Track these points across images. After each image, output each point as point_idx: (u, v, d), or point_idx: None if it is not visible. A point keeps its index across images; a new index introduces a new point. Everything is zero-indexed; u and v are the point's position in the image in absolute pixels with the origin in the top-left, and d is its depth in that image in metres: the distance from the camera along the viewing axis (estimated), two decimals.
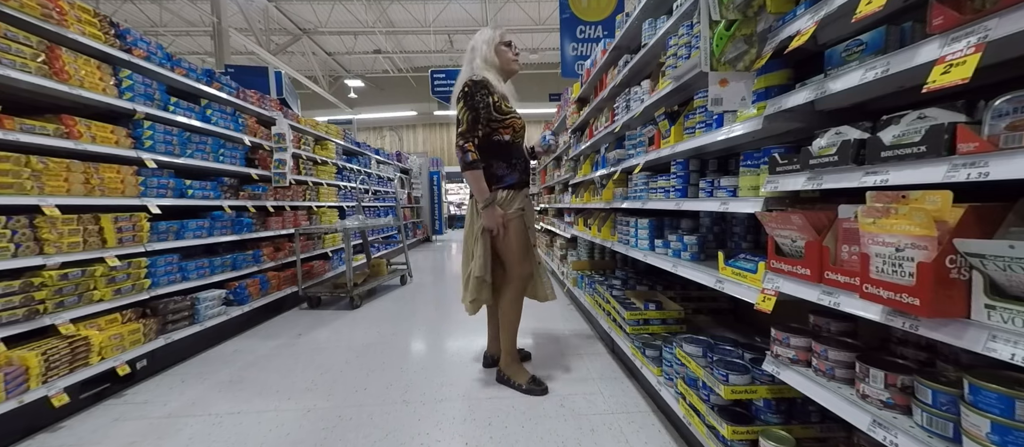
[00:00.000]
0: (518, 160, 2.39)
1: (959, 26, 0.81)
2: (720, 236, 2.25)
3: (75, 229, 2.42)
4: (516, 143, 2.39)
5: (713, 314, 2.65)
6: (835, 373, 1.18)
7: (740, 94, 1.43)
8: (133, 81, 2.86)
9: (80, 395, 2.36)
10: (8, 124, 2.14)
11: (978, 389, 0.83)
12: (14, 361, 2.08)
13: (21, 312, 2.13)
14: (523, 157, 2.46)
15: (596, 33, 5.93)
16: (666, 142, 2.24)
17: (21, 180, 2.16)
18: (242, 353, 3.28)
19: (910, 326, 0.88)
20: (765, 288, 1.31)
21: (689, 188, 2.07)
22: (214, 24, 8.21)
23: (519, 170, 2.40)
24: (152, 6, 11.01)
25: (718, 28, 1.37)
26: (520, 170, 2.41)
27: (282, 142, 4.43)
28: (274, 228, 4.48)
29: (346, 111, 14.69)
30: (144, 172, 2.94)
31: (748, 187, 1.55)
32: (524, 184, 2.46)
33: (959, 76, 0.76)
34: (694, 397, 1.69)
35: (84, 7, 2.62)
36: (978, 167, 0.77)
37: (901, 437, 0.93)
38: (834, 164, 1.09)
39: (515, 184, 2.38)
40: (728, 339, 1.85)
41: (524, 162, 2.47)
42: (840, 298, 1.06)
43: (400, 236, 7.15)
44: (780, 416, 1.45)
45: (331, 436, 2.04)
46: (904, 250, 0.87)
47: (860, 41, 1.08)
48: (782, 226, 1.25)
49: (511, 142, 2.35)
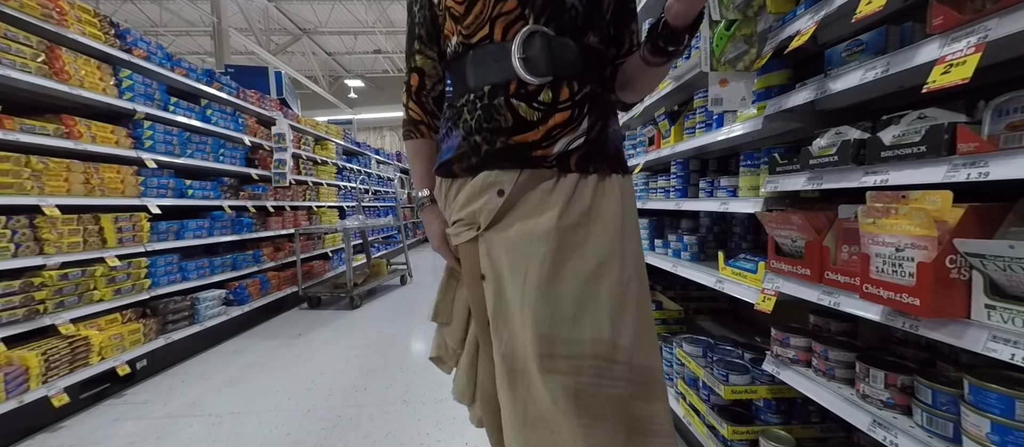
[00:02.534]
0: (475, 93, 1.00)
1: (959, 26, 0.81)
2: (720, 236, 2.25)
3: (75, 229, 2.42)
4: (477, 53, 1.00)
5: (713, 314, 2.65)
6: (835, 373, 1.18)
7: (740, 94, 1.43)
8: (133, 81, 2.87)
9: (80, 395, 2.36)
10: (8, 124, 2.15)
11: (978, 389, 0.83)
12: (14, 361, 2.08)
13: (21, 312, 2.13)
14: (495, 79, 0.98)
15: None
16: (666, 142, 2.24)
17: (21, 180, 2.16)
18: (242, 353, 3.28)
19: (910, 326, 0.88)
20: (765, 288, 1.31)
21: (689, 188, 2.07)
22: (214, 24, 8.21)
23: (475, 118, 1.00)
24: (152, 6, 11.01)
25: (718, 28, 1.37)
26: (480, 119, 0.99)
27: (282, 142, 4.43)
28: (274, 228, 4.48)
29: (346, 111, 14.69)
30: (144, 172, 2.94)
31: (748, 187, 1.55)
32: (494, 157, 1.00)
33: (959, 76, 0.76)
34: (694, 397, 1.69)
35: (84, 7, 2.62)
36: (978, 167, 0.77)
37: (901, 437, 0.93)
38: (834, 164, 1.09)
39: (457, 157, 1.04)
40: (728, 339, 1.85)
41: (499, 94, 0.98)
42: (840, 298, 1.06)
43: (400, 236, 7.17)
44: (780, 416, 1.45)
45: (331, 436, 2.04)
46: (904, 250, 0.87)
47: (860, 41, 1.08)
48: (782, 226, 1.25)
49: (464, 53, 1.02)
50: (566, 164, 0.98)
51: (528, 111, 0.95)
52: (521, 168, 0.98)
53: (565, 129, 0.97)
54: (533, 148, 0.97)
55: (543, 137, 0.96)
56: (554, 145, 0.97)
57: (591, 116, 0.99)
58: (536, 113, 0.95)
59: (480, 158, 1.00)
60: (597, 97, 1.01)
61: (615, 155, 1.05)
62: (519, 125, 0.96)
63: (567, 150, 0.98)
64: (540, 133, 0.96)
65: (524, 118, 0.96)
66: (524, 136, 0.96)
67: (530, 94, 0.95)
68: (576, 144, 0.98)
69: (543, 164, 0.98)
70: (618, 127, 1.08)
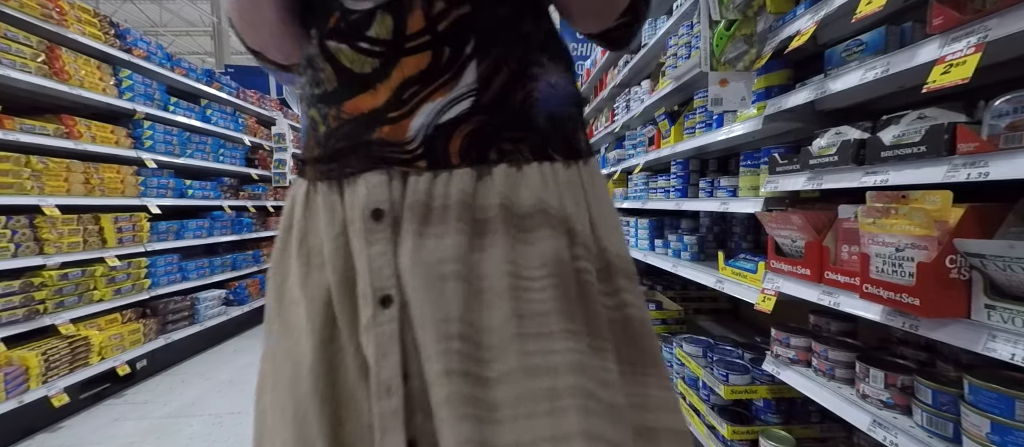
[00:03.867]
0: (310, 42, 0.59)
1: (959, 26, 0.81)
2: (720, 236, 2.25)
3: (75, 229, 2.42)
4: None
5: (713, 314, 2.65)
6: (835, 373, 1.18)
7: (740, 94, 1.43)
8: (133, 81, 2.87)
9: (80, 395, 2.36)
10: (8, 124, 2.15)
11: (978, 389, 0.83)
12: (14, 361, 2.08)
13: (21, 312, 2.13)
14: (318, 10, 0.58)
15: None
16: (666, 142, 2.24)
17: (21, 180, 2.16)
18: (242, 353, 3.28)
19: (910, 326, 0.88)
20: (765, 288, 1.31)
21: (689, 188, 2.07)
22: (214, 24, 8.22)
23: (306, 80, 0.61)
24: (152, 6, 11.01)
25: (718, 28, 1.37)
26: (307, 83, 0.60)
27: (282, 142, 4.43)
28: (274, 228, 4.47)
29: None
30: (144, 172, 2.94)
31: (748, 187, 1.55)
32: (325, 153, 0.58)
33: (959, 76, 0.76)
34: (694, 397, 1.69)
35: (84, 7, 2.62)
36: (978, 167, 0.77)
37: (901, 437, 0.93)
38: (834, 164, 1.09)
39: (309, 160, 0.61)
40: (728, 339, 1.85)
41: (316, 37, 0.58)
42: (840, 298, 1.06)
43: None
44: (780, 416, 1.45)
45: None
46: (904, 250, 0.87)
47: (860, 41, 1.08)
48: (782, 226, 1.25)
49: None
50: (439, 152, 0.54)
51: (355, 57, 0.54)
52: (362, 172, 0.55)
53: (427, 85, 0.53)
54: (375, 123, 0.54)
55: (390, 100, 0.54)
56: (412, 115, 0.53)
57: (484, 60, 0.54)
58: (369, 60, 0.54)
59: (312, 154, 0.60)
60: (492, 24, 0.55)
61: (552, 128, 0.58)
62: (346, 83, 0.55)
63: (438, 124, 0.53)
64: (382, 95, 0.54)
65: (351, 70, 0.55)
66: (357, 101, 0.55)
67: (354, 28, 0.54)
68: (454, 112, 0.54)
69: (396, 159, 0.54)
70: (562, 80, 0.60)
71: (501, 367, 0.50)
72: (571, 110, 0.61)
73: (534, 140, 0.56)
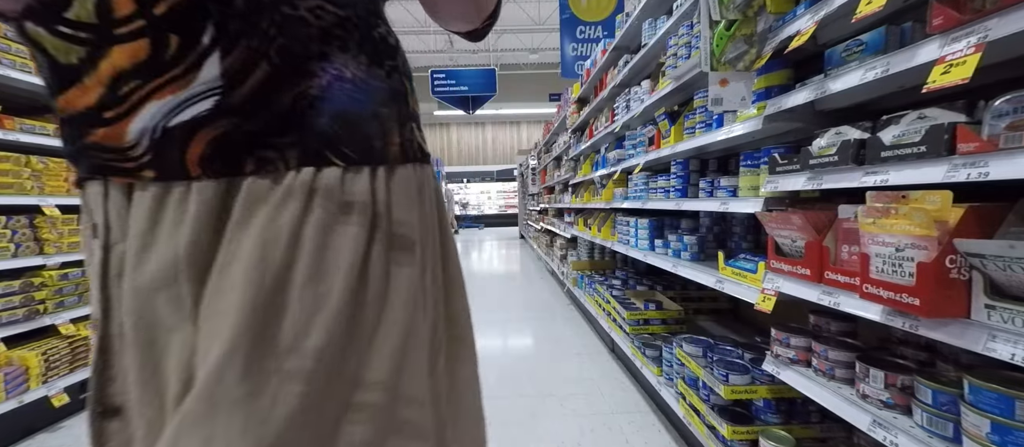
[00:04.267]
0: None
1: (959, 26, 0.81)
2: (720, 236, 2.25)
3: (75, 229, 2.42)
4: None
5: (713, 314, 2.65)
6: (835, 373, 1.19)
7: (740, 94, 1.43)
8: None
9: (80, 395, 2.36)
10: (8, 124, 2.15)
11: (978, 389, 0.83)
12: (14, 361, 2.08)
13: (21, 312, 2.13)
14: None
15: (596, 33, 5.93)
16: (666, 142, 2.24)
17: (21, 180, 2.16)
18: None
19: (910, 326, 0.88)
20: (765, 288, 1.32)
21: (689, 188, 2.07)
22: None
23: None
24: None
25: (718, 28, 1.37)
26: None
27: None
28: None
29: None
30: None
31: (748, 187, 1.55)
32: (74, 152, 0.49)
33: (959, 76, 0.76)
34: (694, 397, 1.69)
35: None
36: (978, 167, 0.77)
37: (901, 437, 0.93)
38: (834, 164, 1.09)
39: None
40: (728, 339, 1.85)
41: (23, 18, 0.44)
42: (840, 298, 1.06)
43: None
44: (780, 416, 1.45)
45: None
46: (904, 250, 0.87)
47: (860, 41, 1.08)
48: (782, 226, 1.25)
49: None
50: (172, 160, 0.45)
51: (58, 45, 0.43)
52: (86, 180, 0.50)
53: (149, 80, 0.43)
54: (89, 123, 0.45)
55: (104, 98, 0.44)
56: (131, 116, 0.44)
57: (232, 52, 0.44)
58: (74, 49, 0.43)
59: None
60: (239, 7, 0.44)
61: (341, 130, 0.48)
62: (57, 75, 0.45)
63: (166, 127, 0.44)
64: (93, 91, 0.44)
65: (56, 60, 0.44)
66: (69, 97, 0.45)
67: (50, 8, 0.42)
68: (189, 114, 0.44)
69: (116, 167, 0.46)
70: (364, 74, 0.50)
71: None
72: (377, 108, 0.51)
73: (309, 145, 0.47)
